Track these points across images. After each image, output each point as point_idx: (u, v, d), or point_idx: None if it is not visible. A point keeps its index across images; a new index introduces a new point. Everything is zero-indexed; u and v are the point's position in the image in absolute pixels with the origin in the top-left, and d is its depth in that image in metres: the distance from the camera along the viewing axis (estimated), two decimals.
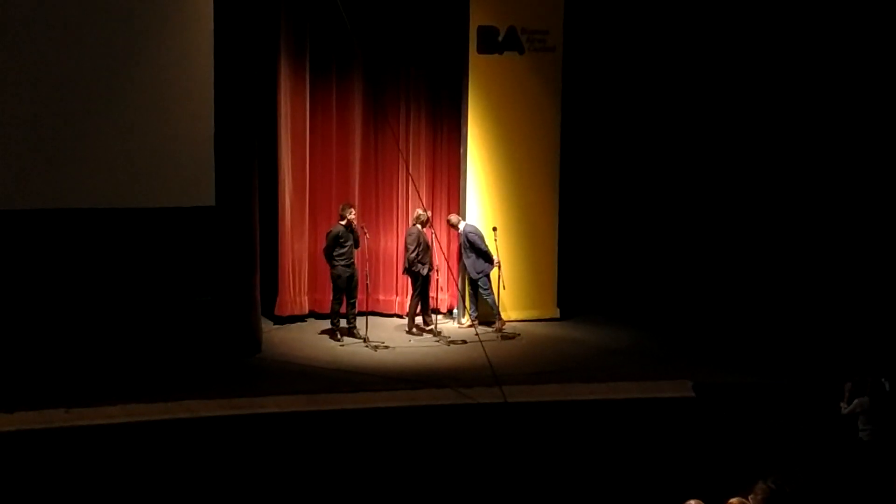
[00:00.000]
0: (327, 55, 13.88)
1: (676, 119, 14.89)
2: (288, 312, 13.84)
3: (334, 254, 13.01)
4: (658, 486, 8.44)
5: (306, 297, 14.03)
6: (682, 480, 8.53)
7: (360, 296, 13.47)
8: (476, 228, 13.65)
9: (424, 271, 13.28)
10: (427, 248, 13.29)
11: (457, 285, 14.00)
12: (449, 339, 13.16)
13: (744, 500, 5.54)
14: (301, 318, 13.95)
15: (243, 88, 12.20)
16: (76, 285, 11.60)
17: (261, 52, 12.88)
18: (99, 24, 11.46)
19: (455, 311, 14.23)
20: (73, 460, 9.20)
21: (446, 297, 14.33)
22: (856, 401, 9.25)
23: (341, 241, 12.99)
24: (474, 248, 13.52)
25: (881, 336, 12.35)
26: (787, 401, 10.82)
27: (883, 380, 9.30)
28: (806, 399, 10.71)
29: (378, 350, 12.69)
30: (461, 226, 13.64)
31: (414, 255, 13.26)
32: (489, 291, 13.60)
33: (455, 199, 14.24)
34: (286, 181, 13.63)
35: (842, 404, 9.37)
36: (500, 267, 13.65)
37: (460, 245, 13.77)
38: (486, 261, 13.56)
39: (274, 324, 13.65)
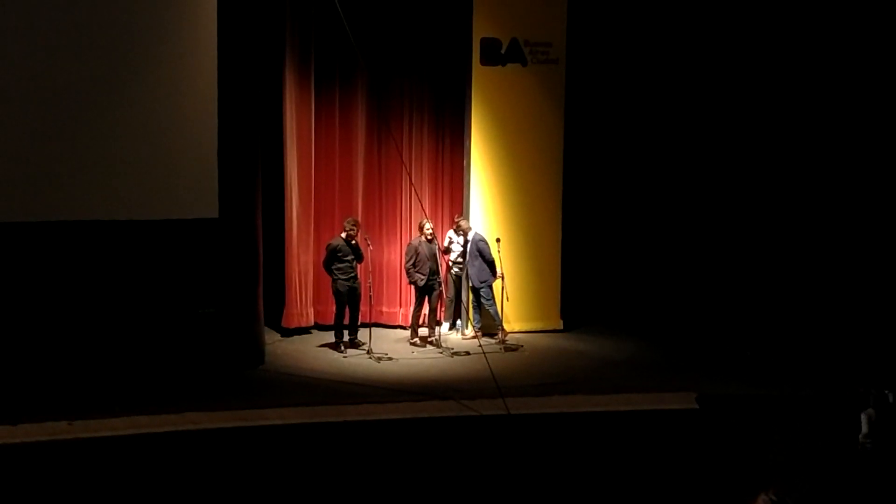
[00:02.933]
0: (332, 66, 13.92)
1: (680, 130, 14.91)
2: (295, 324, 13.85)
3: (333, 267, 13.02)
4: (661, 498, 8.43)
5: (312, 309, 14.04)
6: (685, 492, 8.53)
7: (364, 307, 13.48)
8: (483, 237, 13.68)
9: (421, 283, 13.28)
10: (426, 260, 13.27)
11: (446, 297, 14.01)
12: (452, 351, 13.16)
13: None
14: (307, 330, 13.96)
15: (247, 100, 12.23)
16: (80, 297, 11.60)
17: (265, 64, 12.92)
18: (101, 36, 11.48)
19: (459, 322, 14.22)
20: (77, 473, 9.19)
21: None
22: (862, 416, 9.22)
23: (339, 254, 12.99)
24: (483, 255, 13.54)
25: (885, 347, 12.33)
26: (791, 413, 10.80)
27: (887, 391, 9.28)
28: (809, 411, 10.69)
29: (381, 361, 12.70)
30: (469, 234, 13.66)
31: (409, 264, 13.28)
32: (492, 302, 13.61)
33: (458, 210, 14.25)
34: (292, 192, 13.65)
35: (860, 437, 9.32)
36: (503, 278, 13.65)
37: (465, 252, 13.78)
38: (491, 270, 13.58)
39: (281, 335, 13.67)
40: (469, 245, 13.65)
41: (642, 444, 10.11)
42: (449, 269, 13.96)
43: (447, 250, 13.90)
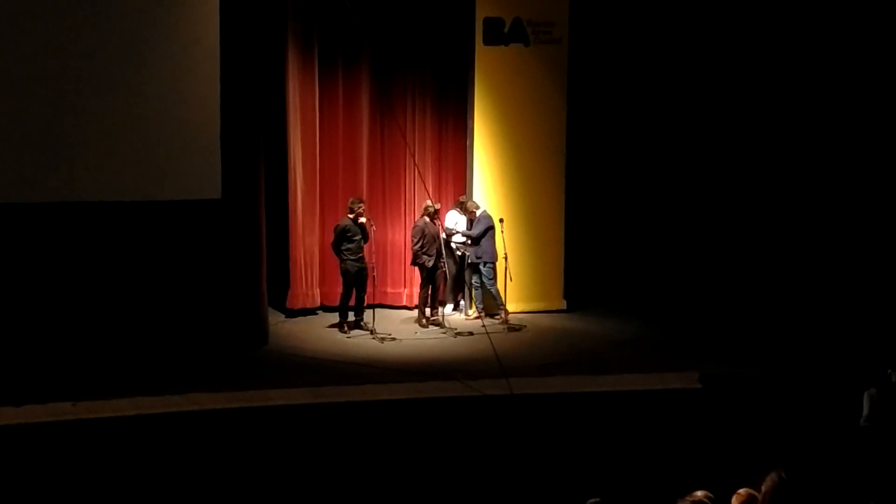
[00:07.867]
0: (335, 47, 13.88)
1: (682, 110, 14.86)
2: (300, 306, 13.85)
3: (342, 248, 13.01)
4: (665, 478, 8.43)
5: (318, 290, 14.04)
6: (689, 472, 8.53)
7: (368, 289, 13.47)
8: (490, 216, 13.65)
9: (430, 263, 13.27)
10: (433, 240, 13.27)
11: (448, 278, 14.01)
12: (455, 331, 13.16)
13: (752, 490, 5.52)
14: (313, 311, 13.97)
15: (250, 81, 12.19)
16: (83, 278, 11.60)
17: (268, 45, 12.89)
18: (106, 17, 11.45)
19: (462, 303, 14.23)
20: (81, 453, 9.21)
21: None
22: (865, 396, 9.21)
23: (349, 235, 12.98)
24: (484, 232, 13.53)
25: (887, 327, 12.32)
26: (794, 392, 10.81)
27: (889, 371, 9.26)
28: (812, 390, 10.70)
29: (385, 342, 12.70)
30: (478, 212, 13.64)
31: (417, 246, 13.27)
32: (493, 282, 13.60)
33: (461, 191, 14.23)
34: (296, 174, 13.63)
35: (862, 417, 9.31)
36: (506, 259, 13.64)
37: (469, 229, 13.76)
38: (490, 248, 13.56)
39: (286, 317, 13.67)
40: (476, 222, 13.62)
41: (646, 424, 10.12)
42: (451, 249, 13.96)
43: (449, 231, 13.89)
